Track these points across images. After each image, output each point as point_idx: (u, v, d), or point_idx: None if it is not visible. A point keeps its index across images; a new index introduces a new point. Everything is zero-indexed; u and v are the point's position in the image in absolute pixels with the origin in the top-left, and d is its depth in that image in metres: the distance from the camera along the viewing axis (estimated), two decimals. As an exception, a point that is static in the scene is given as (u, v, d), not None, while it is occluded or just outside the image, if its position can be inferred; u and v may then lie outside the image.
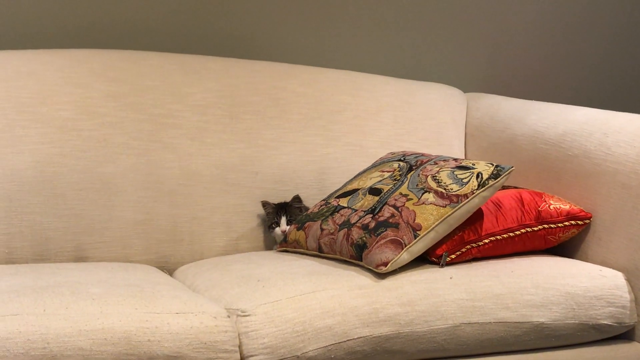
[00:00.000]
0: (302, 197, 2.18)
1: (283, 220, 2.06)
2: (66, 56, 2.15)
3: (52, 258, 1.98)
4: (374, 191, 1.93)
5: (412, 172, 1.93)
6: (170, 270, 2.05)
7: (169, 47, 2.32)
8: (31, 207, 1.98)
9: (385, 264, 1.74)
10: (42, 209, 1.98)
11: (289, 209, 2.08)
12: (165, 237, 2.08)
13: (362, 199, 1.93)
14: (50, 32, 2.27)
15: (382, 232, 1.79)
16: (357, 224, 1.85)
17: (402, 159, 2.03)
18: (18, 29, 2.25)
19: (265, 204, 2.11)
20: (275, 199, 2.15)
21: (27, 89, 2.06)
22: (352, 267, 1.82)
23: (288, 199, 2.15)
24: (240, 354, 1.58)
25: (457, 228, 1.84)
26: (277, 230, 2.06)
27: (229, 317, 1.60)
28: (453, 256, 1.84)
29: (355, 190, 1.99)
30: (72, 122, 2.06)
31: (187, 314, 1.56)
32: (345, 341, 1.63)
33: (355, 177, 2.09)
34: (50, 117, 2.05)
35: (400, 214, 1.82)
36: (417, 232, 1.78)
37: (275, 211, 2.08)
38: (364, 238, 1.80)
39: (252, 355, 1.58)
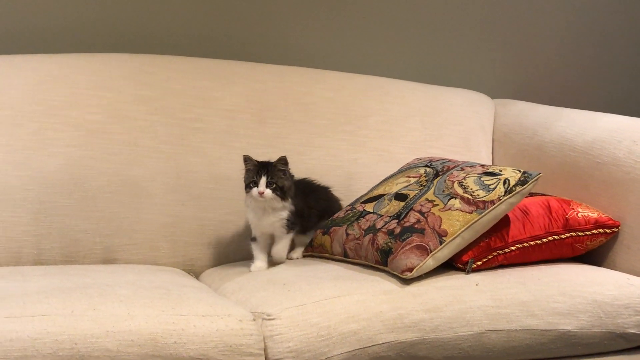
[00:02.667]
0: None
1: (262, 180, 1.84)
2: (97, 60, 2.17)
3: (80, 260, 2.01)
4: (400, 197, 1.93)
5: (438, 178, 1.93)
6: (196, 274, 2.06)
7: (198, 52, 2.34)
8: (61, 209, 2.00)
9: (411, 270, 1.74)
10: (71, 211, 2.01)
11: (271, 170, 1.86)
12: (193, 240, 2.09)
13: (388, 204, 1.93)
14: (81, 37, 2.30)
15: (408, 237, 1.79)
16: (383, 229, 1.85)
17: (428, 164, 2.03)
18: (50, 34, 2.28)
19: (246, 159, 1.89)
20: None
21: (58, 93, 2.08)
22: (377, 273, 1.82)
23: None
24: (266, 357, 1.59)
25: (483, 234, 1.83)
26: (254, 190, 1.85)
27: (254, 320, 1.61)
28: (479, 263, 1.83)
29: (381, 196, 1.99)
30: (102, 126, 2.08)
31: (213, 316, 1.57)
32: (370, 346, 1.63)
33: (381, 182, 2.09)
34: (80, 121, 2.07)
35: (426, 220, 1.81)
36: (443, 238, 1.78)
37: (257, 170, 1.86)
38: (390, 243, 1.80)
39: (277, 359, 1.59)
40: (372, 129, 2.31)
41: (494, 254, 1.85)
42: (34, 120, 2.04)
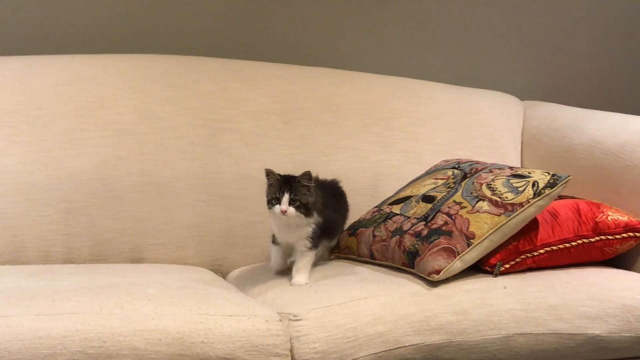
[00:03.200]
0: (355, 202, 2.17)
1: (285, 198, 1.73)
2: (125, 61, 2.19)
3: (109, 259, 2.02)
4: (427, 198, 1.92)
5: (466, 180, 1.92)
6: (223, 274, 2.07)
7: (226, 53, 2.35)
8: (89, 209, 2.02)
9: (438, 272, 1.73)
10: (100, 210, 2.02)
11: (294, 186, 1.75)
12: (220, 240, 2.10)
13: (415, 206, 1.92)
14: (110, 38, 2.32)
15: (435, 239, 1.78)
16: (410, 231, 1.84)
17: (456, 166, 2.02)
18: (79, 34, 2.30)
19: (269, 173, 1.79)
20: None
21: (87, 93, 2.10)
22: (404, 275, 1.81)
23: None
24: (292, 358, 1.59)
25: (511, 237, 1.82)
26: (277, 208, 1.74)
27: (281, 321, 1.61)
28: (507, 266, 1.82)
29: (408, 197, 1.98)
30: (130, 126, 2.10)
31: (239, 316, 1.57)
32: (396, 348, 1.63)
33: (408, 184, 2.08)
34: (109, 121, 2.09)
35: (454, 222, 1.80)
36: (471, 240, 1.77)
37: (279, 185, 1.75)
38: (417, 245, 1.80)
39: (303, 360, 1.59)
40: (399, 131, 2.30)
41: (522, 257, 1.83)
42: (63, 120, 2.06)
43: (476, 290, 1.73)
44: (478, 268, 1.82)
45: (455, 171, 1.99)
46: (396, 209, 1.96)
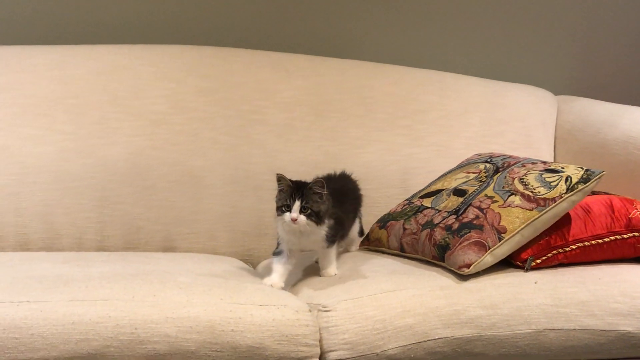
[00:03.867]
0: (386, 196, 2.17)
1: (296, 205, 1.66)
2: (160, 52, 2.21)
3: (141, 247, 2.04)
4: (458, 192, 1.92)
5: (498, 174, 1.91)
6: (253, 264, 2.08)
7: (259, 45, 2.36)
8: (123, 197, 2.04)
9: (468, 266, 1.73)
10: (133, 199, 2.05)
11: (306, 193, 1.67)
12: (251, 230, 2.11)
13: (446, 199, 1.92)
14: (145, 28, 2.34)
15: (466, 233, 1.77)
16: (441, 225, 1.84)
17: (488, 160, 2.01)
18: (114, 25, 2.32)
19: (280, 178, 1.71)
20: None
21: (122, 83, 2.12)
22: (434, 268, 1.81)
23: (372, 198, 2.13)
24: (321, 349, 1.60)
25: (543, 232, 1.81)
26: (287, 216, 1.67)
27: (310, 311, 1.62)
28: (538, 261, 1.81)
29: (439, 191, 1.98)
30: (164, 116, 2.12)
31: (269, 306, 1.58)
32: (425, 341, 1.63)
33: (439, 177, 2.08)
34: (143, 111, 2.11)
35: (485, 216, 1.80)
36: (502, 234, 1.76)
37: (290, 192, 1.68)
38: (447, 239, 1.79)
39: (332, 350, 1.60)
40: (430, 124, 2.30)
41: (554, 252, 1.82)
42: (98, 110, 2.09)
43: (507, 285, 1.72)
44: (509, 263, 1.81)
45: (488, 165, 1.98)
46: (427, 202, 1.96)
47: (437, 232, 1.82)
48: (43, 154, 2.02)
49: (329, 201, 1.71)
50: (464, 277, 1.73)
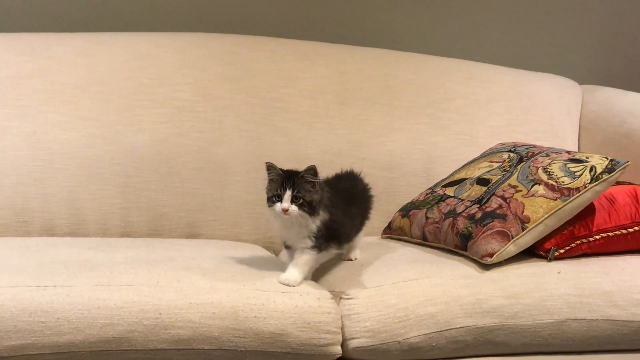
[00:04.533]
0: (409, 184, 2.17)
1: (287, 194, 1.57)
2: (185, 39, 2.22)
3: (165, 234, 2.06)
4: (482, 181, 1.91)
5: (522, 164, 1.90)
6: (276, 251, 2.09)
7: (283, 33, 2.36)
8: (148, 184, 2.06)
9: (491, 255, 1.73)
10: (158, 186, 2.06)
11: (297, 182, 1.58)
12: (273, 218, 2.12)
13: (470, 188, 1.92)
14: (170, 16, 2.35)
15: (489, 222, 1.77)
16: (463, 214, 1.83)
17: (512, 149, 2.00)
18: (139, 12, 2.33)
19: (269, 167, 1.63)
20: (382, 187, 2.13)
21: (147, 71, 2.14)
22: (456, 257, 1.81)
23: (395, 186, 2.14)
24: (342, 336, 1.60)
25: (567, 222, 1.80)
26: (277, 206, 1.58)
27: (332, 299, 1.62)
28: (562, 251, 1.80)
29: (462, 180, 1.97)
30: (189, 104, 2.13)
31: (292, 293, 1.59)
32: (447, 330, 1.63)
33: (463, 166, 2.07)
34: (168, 98, 2.12)
35: (509, 205, 1.79)
36: (525, 224, 1.76)
37: (281, 181, 1.59)
38: (470, 228, 1.79)
39: (354, 338, 1.60)
40: (454, 112, 2.29)
41: (578, 242, 1.81)
42: (123, 97, 2.10)
43: (530, 275, 1.72)
44: (532, 252, 1.81)
45: (511, 154, 1.97)
46: (450, 191, 1.96)
47: (460, 221, 1.82)
48: (69, 140, 2.04)
49: (323, 190, 1.62)
50: (486, 267, 1.73)
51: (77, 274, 1.56)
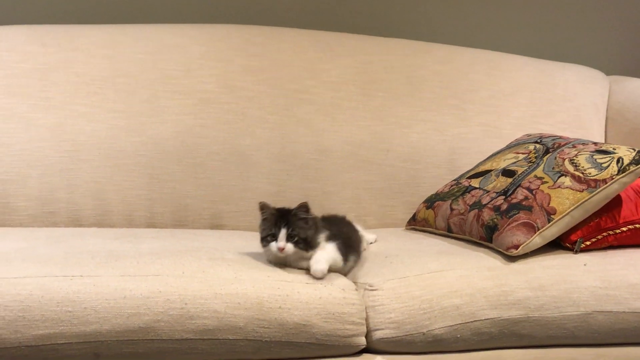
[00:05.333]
0: (432, 176, 2.16)
1: (282, 233, 1.58)
2: (209, 31, 2.22)
3: (189, 224, 2.07)
4: (507, 173, 1.90)
5: (548, 155, 1.89)
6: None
7: (306, 24, 2.36)
8: (172, 175, 2.07)
9: (517, 247, 1.72)
10: (182, 177, 2.07)
11: (291, 220, 1.59)
12: (297, 209, 2.12)
13: (495, 180, 1.90)
14: (193, 8, 2.35)
15: (515, 214, 1.76)
16: (489, 205, 1.83)
17: (538, 141, 1.99)
18: (163, 4, 2.34)
19: (262, 207, 1.63)
20: (405, 178, 2.13)
21: (171, 62, 2.14)
22: (481, 249, 1.80)
23: (419, 178, 2.13)
24: (367, 327, 1.60)
25: (593, 214, 1.78)
26: (273, 245, 1.59)
27: (357, 290, 1.62)
28: (588, 243, 1.79)
29: (488, 171, 1.96)
30: (213, 95, 2.13)
31: (316, 284, 1.59)
32: (472, 322, 1.62)
33: (488, 157, 2.06)
34: (192, 90, 2.12)
35: (534, 197, 1.78)
36: (552, 216, 1.74)
37: (274, 220, 1.60)
38: (495, 220, 1.78)
39: (378, 329, 1.60)
40: (478, 104, 2.28)
41: (604, 234, 1.80)
42: (148, 88, 2.11)
43: (555, 267, 1.70)
44: (558, 244, 1.79)
45: (537, 145, 1.96)
46: (475, 182, 1.95)
47: (485, 212, 1.81)
48: (95, 131, 2.05)
49: (317, 224, 1.62)
50: (511, 258, 1.72)
51: (104, 264, 1.56)
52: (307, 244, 1.61)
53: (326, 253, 1.62)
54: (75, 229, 1.97)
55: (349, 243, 1.70)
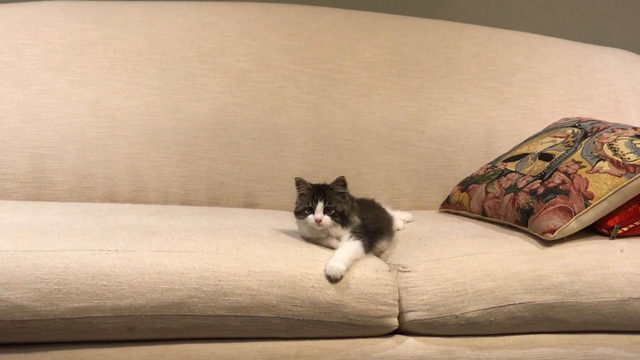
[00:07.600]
0: (468, 159, 2.14)
1: (319, 206, 1.59)
2: (245, 9, 2.22)
3: (224, 202, 2.08)
4: (544, 156, 1.88)
5: (586, 139, 1.86)
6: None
7: (344, 3, 2.34)
8: (207, 153, 2.07)
9: (552, 232, 1.70)
10: (217, 155, 2.08)
11: (328, 194, 1.61)
12: (331, 189, 2.12)
13: (532, 163, 1.88)
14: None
15: (551, 198, 1.74)
16: (525, 189, 1.81)
17: (576, 125, 1.96)
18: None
19: (299, 182, 1.65)
20: (440, 161, 2.12)
21: (208, 40, 2.14)
22: (516, 233, 1.78)
23: (454, 160, 2.12)
24: (399, 308, 1.60)
25: (631, 200, 1.76)
26: (310, 218, 1.60)
27: (390, 271, 1.62)
28: (625, 229, 1.76)
29: (524, 155, 1.94)
30: (248, 74, 2.13)
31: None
32: (505, 305, 1.61)
33: (525, 141, 2.04)
34: (228, 68, 2.13)
35: (572, 181, 1.76)
36: (589, 201, 1.72)
37: (312, 194, 1.62)
38: (531, 203, 1.76)
39: (410, 311, 1.60)
40: (516, 86, 2.25)
41: (642, 220, 1.78)
42: (184, 66, 2.11)
43: (592, 252, 1.69)
44: (594, 230, 1.77)
45: (576, 130, 1.93)
46: (511, 166, 1.93)
47: (521, 196, 1.80)
48: (132, 108, 2.06)
49: (353, 201, 1.64)
50: (547, 243, 1.71)
51: (139, 239, 1.57)
52: (344, 218, 1.62)
53: (350, 253, 1.58)
54: (111, 204, 1.98)
55: (378, 228, 1.70)
